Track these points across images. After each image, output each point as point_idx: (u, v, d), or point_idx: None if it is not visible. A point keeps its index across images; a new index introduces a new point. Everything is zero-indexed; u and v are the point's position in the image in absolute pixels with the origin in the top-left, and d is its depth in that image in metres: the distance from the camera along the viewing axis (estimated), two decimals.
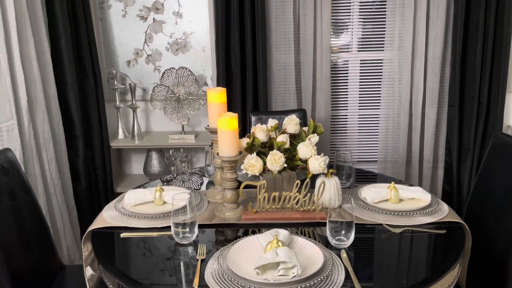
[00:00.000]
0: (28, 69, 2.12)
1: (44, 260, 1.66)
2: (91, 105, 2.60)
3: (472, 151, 2.63)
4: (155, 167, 2.82)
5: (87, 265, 1.50)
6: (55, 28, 2.33)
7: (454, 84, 2.58)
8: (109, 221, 1.51)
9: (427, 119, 2.71)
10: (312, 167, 1.52)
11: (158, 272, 1.25)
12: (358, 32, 2.76)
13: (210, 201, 1.66)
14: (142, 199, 1.62)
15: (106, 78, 2.85)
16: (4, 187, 1.49)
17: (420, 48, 2.60)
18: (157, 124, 2.95)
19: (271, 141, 1.63)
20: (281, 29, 2.65)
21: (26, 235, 1.55)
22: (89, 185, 2.64)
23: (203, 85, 2.84)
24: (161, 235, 1.43)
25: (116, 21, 2.78)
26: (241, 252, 1.25)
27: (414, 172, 2.79)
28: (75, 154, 2.53)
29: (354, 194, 1.65)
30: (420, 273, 1.27)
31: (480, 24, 2.45)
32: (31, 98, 2.14)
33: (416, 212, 1.50)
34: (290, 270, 1.13)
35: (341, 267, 1.20)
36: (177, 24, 2.77)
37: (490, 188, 1.68)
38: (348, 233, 1.32)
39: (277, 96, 2.74)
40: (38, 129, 2.20)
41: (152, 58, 2.84)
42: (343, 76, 2.83)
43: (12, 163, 1.58)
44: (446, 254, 1.33)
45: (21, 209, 1.56)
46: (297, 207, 1.51)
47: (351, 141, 2.91)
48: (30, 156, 2.13)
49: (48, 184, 2.25)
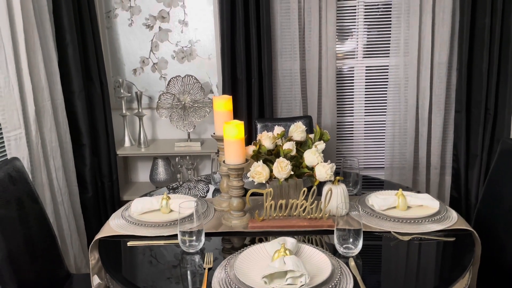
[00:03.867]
0: (36, 78, 2.14)
1: (51, 269, 1.66)
2: (97, 114, 2.61)
3: (479, 157, 2.61)
4: (161, 174, 2.83)
5: (94, 274, 1.50)
6: (62, 38, 2.36)
7: (460, 90, 2.57)
8: (116, 229, 1.51)
9: (434, 125, 2.69)
10: (319, 175, 1.51)
11: (165, 281, 1.24)
12: (363, 38, 2.76)
13: (217, 209, 1.66)
14: (148, 208, 1.62)
15: (113, 86, 2.87)
16: (11, 196, 1.50)
17: (426, 54, 2.59)
18: (163, 132, 2.96)
19: (277, 149, 1.63)
20: (286, 36, 2.66)
21: (33, 244, 1.56)
22: (95, 193, 2.65)
23: (209, 92, 2.85)
24: (167, 243, 1.43)
25: (122, 30, 2.81)
26: (248, 261, 1.25)
27: (421, 179, 2.77)
28: (82, 162, 2.54)
29: (361, 202, 1.64)
30: (429, 281, 1.25)
31: (486, 30, 2.45)
32: (38, 107, 2.16)
33: (424, 220, 1.49)
34: (298, 279, 1.12)
35: (350, 276, 1.19)
36: (183, 32, 2.79)
37: (499, 195, 1.66)
38: (356, 241, 1.30)
39: (283, 103, 2.74)
40: (46, 137, 2.22)
41: (158, 66, 2.85)
42: (348, 82, 2.82)
43: (20, 172, 1.59)
44: (456, 262, 1.31)
45: (29, 218, 1.57)
46: (304, 215, 1.50)
47: (357, 148, 2.90)
48: (37, 165, 2.14)
49: (55, 193, 2.26)
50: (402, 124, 2.73)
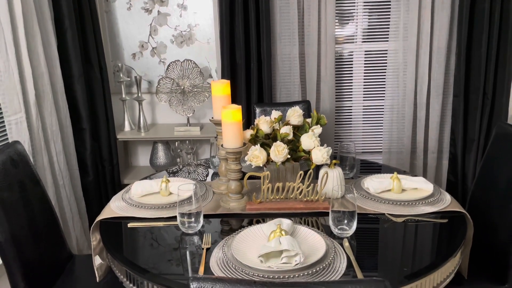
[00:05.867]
0: (36, 63, 2.15)
1: (54, 250, 1.70)
2: (97, 98, 2.63)
3: (477, 142, 2.63)
4: (161, 159, 2.86)
5: (95, 254, 1.53)
6: (61, 22, 2.36)
7: (459, 74, 2.57)
8: (116, 211, 1.54)
9: (431, 110, 2.70)
10: (315, 158, 1.54)
11: (165, 260, 1.28)
12: (363, 22, 2.75)
13: (215, 192, 1.69)
14: (148, 190, 1.65)
15: (112, 71, 2.88)
16: (14, 179, 1.53)
17: (425, 38, 2.59)
18: (163, 117, 2.98)
19: (274, 133, 1.65)
20: (285, 20, 2.65)
21: (36, 225, 1.59)
22: (96, 177, 2.68)
23: (208, 77, 2.86)
24: (167, 225, 1.46)
25: (121, 14, 2.80)
26: (245, 241, 1.28)
27: (418, 163, 2.79)
28: (83, 146, 2.56)
29: (357, 185, 1.67)
30: (421, 261, 1.29)
31: (486, 14, 2.44)
32: (38, 91, 2.18)
33: (418, 202, 1.52)
34: (293, 258, 1.16)
35: (343, 255, 1.23)
36: (182, 16, 2.78)
37: (493, 179, 1.69)
38: (350, 222, 1.34)
39: (282, 88, 2.75)
40: (46, 121, 2.24)
41: (157, 50, 2.85)
42: (347, 67, 2.83)
43: (21, 155, 1.62)
44: (447, 242, 1.34)
45: (31, 201, 1.60)
46: (300, 197, 1.53)
47: (355, 132, 2.92)
48: (38, 149, 2.17)
49: (57, 176, 2.30)
50: (400, 109, 2.74)
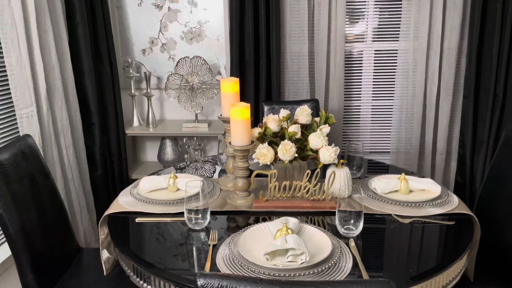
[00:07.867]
0: (47, 57, 2.17)
1: (62, 242, 1.72)
2: (107, 93, 2.65)
3: (486, 144, 2.61)
4: (169, 154, 2.87)
5: (103, 248, 1.55)
6: (73, 17, 2.38)
7: (469, 75, 2.55)
8: (124, 206, 1.56)
9: (441, 111, 2.69)
10: (323, 157, 1.54)
11: (171, 256, 1.30)
12: (373, 21, 2.74)
13: (222, 189, 1.70)
14: (156, 186, 1.66)
15: (122, 66, 2.90)
16: (24, 172, 1.55)
17: (435, 38, 2.57)
18: (171, 113, 2.99)
19: (282, 131, 1.66)
20: (295, 18, 2.65)
21: (45, 218, 1.61)
22: (105, 171, 2.70)
23: (217, 74, 2.87)
24: (174, 220, 1.48)
25: (132, 10, 2.82)
26: (251, 239, 1.29)
27: (426, 164, 2.78)
28: (92, 141, 2.59)
29: (364, 185, 1.67)
30: (427, 262, 1.28)
31: (498, 14, 2.41)
32: (49, 85, 2.20)
33: (425, 203, 1.51)
34: (298, 257, 1.16)
35: (349, 255, 1.23)
36: (192, 13, 2.79)
37: (501, 182, 1.67)
38: (357, 222, 1.34)
39: (290, 86, 2.75)
40: (57, 116, 2.26)
41: (167, 46, 2.87)
42: (357, 66, 2.82)
43: (32, 149, 1.64)
44: (454, 245, 1.34)
45: (41, 193, 1.62)
46: (307, 196, 1.53)
47: (363, 132, 2.91)
48: (48, 142, 2.19)
49: (66, 170, 2.32)
50: (409, 109, 2.73)
